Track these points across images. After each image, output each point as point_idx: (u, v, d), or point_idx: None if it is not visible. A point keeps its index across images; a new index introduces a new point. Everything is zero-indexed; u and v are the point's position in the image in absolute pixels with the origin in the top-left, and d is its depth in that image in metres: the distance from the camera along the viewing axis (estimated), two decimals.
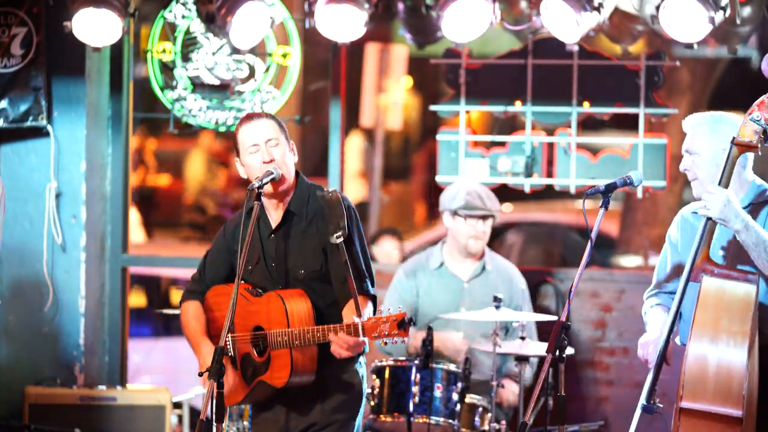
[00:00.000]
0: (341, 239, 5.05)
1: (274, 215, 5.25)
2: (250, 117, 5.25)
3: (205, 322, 5.33)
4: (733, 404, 4.75)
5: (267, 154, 5.14)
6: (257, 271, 5.25)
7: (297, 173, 5.29)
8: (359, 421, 5.29)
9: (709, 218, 4.99)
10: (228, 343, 5.20)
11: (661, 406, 5.00)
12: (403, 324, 4.83)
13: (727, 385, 4.76)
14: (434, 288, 7.13)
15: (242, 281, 5.18)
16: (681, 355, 5.31)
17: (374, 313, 5.08)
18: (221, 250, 5.37)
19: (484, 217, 7.05)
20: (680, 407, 4.81)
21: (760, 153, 5.06)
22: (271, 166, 5.13)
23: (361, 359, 5.25)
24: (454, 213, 7.07)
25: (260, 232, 5.25)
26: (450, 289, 7.13)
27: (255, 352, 5.18)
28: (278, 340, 5.07)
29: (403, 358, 6.59)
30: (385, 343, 4.91)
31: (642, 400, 5.02)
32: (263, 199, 5.17)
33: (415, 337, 6.97)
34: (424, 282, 7.15)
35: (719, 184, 5.02)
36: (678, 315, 5.06)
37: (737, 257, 5.07)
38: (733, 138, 5.02)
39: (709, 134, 5.18)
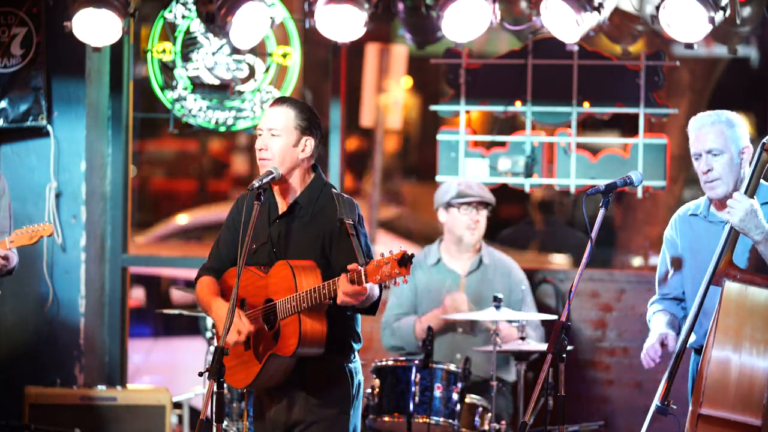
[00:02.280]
0: (350, 222, 5.00)
1: (282, 203, 5.24)
2: (276, 99, 5.26)
3: (219, 292, 5.29)
4: (753, 413, 4.72)
5: (261, 141, 5.14)
6: (262, 251, 5.22)
7: (314, 167, 5.26)
8: (357, 417, 5.25)
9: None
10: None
11: (675, 407, 4.98)
12: (404, 261, 4.71)
13: (747, 394, 4.73)
14: (432, 284, 7.14)
15: (248, 262, 5.17)
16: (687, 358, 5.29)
17: (380, 297, 5.03)
18: (234, 225, 5.32)
19: (477, 207, 7.05)
20: (699, 413, 4.78)
21: None
22: (271, 165, 5.12)
23: (352, 355, 5.22)
24: (448, 205, 7.08)
25: (269, 216, 5.25)
26: (447, 284, 7.13)
27: (266, 327, 5.13)
28: (287, 307, 5.01)
29: (403, 358, 6.60)
30: (387, 287, 4.82)
31: (656, 401, 5.00)
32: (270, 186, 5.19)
33: (423, 320, 6.97)
34: (423, 279, 7.16)
35: (745, 191, 4.99)
36: (696, 318, 5.03)
37: (761, 264, 5.05)
38: (764, 143, 4.98)
39: (728, 132, 5.16)
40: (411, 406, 6.45)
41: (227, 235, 5.35)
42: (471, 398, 6.61)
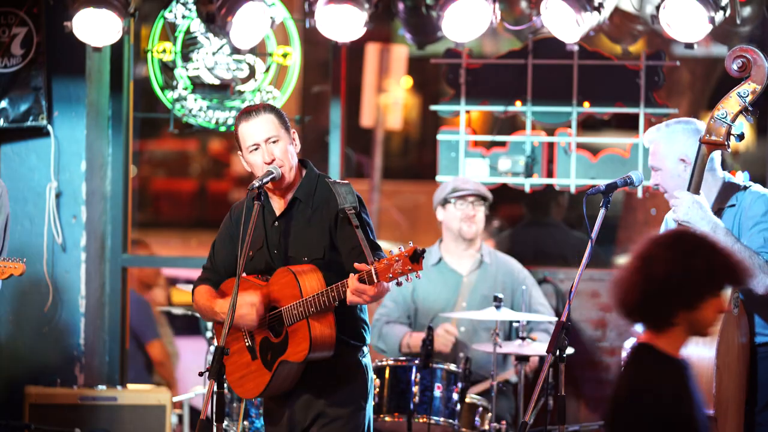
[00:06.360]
0: (352, 211, 4.99)
1: (278, 203, 5.23)
2: (248, 112, 5.19)
3: (217, 297, 5.27)
4: (705, 404, 4.74)
5: (267, 154, 5.12)
6: (259, 257, 5.21)
7: (304, 161, 5.27)
8: (371, 412, 5.25)
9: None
10: (244, 334, 5.19)
11: None
12: (416, 257, 4.63)
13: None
14: (433, 284, 7.13)
15: (245, 270, 5.16)
16: None
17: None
18: (227, 236, 5.33)
19: (473, 202, 7.05)
20: None
21: (729, 150, 5.06)
22: (271, 166, 5.12)
23: (365, 349, 5.22)
24: (445, 201, 7.09)
25: (264, 220, 5.23)
26: (449, 284, 7.13)
27: (272, 335, 5.12)
28: (293, 313, 4.99)
29: (403, 358, 6.60)
30: (400, 284, 4.72)
31: None
32: (266, 190, 5.18)
33: (413, 336, 6.98)
34: (423, 280, 7.14)
35: (689, 185, 5.02)
36: None
37: None
38: (701, 137, 5.02)
39: (666, 146, 5.19)
40: (411, 406, 6.45)
41: (222, 248, 5.34)
42: (471, 398, 6.61)
